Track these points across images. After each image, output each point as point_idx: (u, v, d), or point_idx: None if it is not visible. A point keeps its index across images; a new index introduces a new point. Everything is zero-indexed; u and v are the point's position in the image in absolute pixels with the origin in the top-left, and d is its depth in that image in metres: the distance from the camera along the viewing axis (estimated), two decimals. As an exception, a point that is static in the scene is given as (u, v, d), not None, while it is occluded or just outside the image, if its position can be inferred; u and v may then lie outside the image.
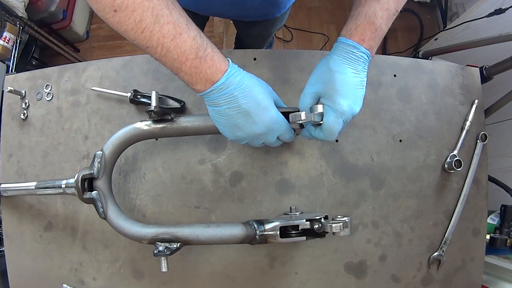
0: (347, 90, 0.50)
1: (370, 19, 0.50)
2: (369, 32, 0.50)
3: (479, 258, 0.72)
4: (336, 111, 0.50)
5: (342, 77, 0.50)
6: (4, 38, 1.29)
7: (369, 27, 0.50)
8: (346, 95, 0.50)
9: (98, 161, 0.55)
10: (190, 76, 0.46)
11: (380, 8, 0.50)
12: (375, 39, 0.51)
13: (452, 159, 0.69)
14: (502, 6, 1.13)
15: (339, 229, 0.50)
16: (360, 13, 0.51)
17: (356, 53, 0.50)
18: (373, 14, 0.50)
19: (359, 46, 0.50)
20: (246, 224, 0.54)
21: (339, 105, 0.50)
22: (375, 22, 0.50)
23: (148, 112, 0.54)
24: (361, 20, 0.50)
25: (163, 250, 0.52)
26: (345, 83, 0.50)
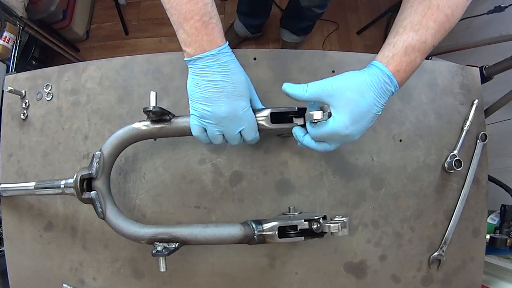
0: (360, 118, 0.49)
1: (407, 50, 0.49)
2: (405, 63, 0.49)
3: (479, 258, 0.72)
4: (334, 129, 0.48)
5: (366, 104, 0.48)
6: (4, 38, 1.28)
7: (405, 59, 0.49)
8: (357, 122, 0.49)
9: (96, 161, 0.55)
10: (187, 36, 0.49)
11: (418, 39, 0.49)
12: (408, 72, 0.50)
13: (452, 159, 0.69)
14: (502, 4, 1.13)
15: (337, 229, 0.50)
16: (398, 41, 0.49)
17: (387, 86, 0.49)
18: (411, 45, 0.49)
19: (393, 79, 0.49)
20: (244, 224, 0.54)
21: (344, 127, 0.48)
22: (411, 54, 0.49)
23: (147, 112, 0.54)
24: (398, 49, 0.49)
25: (161, 250, 0.52)
26: (365, 112, 0.49)
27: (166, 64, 0.69)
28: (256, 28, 1.71)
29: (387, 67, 0.49)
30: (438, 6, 0.49)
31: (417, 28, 0.49)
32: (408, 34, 0.49)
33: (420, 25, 0.49)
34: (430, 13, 0.49)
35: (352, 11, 1.94)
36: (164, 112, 0.54)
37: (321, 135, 0.50)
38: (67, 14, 1.71)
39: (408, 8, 0.51)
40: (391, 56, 0.49)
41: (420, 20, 0.49)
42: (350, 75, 0.50)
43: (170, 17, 0.49)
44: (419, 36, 0.49)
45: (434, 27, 0.49)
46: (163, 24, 1.89)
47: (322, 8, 1.40)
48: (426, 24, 0.49)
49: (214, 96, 0.50)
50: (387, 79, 0.48)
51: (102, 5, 1.95)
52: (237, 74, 0.51)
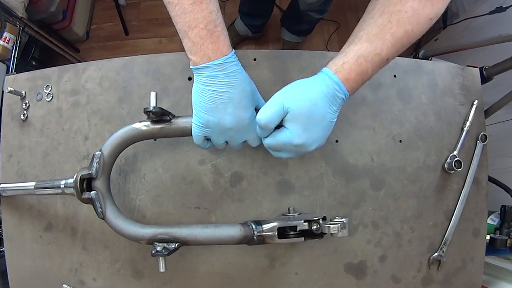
0: (314, 126, 0.49)
1: (359, 60, 0.48)
2: (354, 73, 0.48)
3: (479, 258, 0.72)
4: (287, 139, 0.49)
5: (316, 111, 0.48)
6: (4, 39, 1.29)
7: (355, 68, 0.48)
8: (311, 131, 0.49)
9: (96, 162, 0.55)
10: (192, 44, 0.48)
11: (372, 51, 0.48)
12: (358, 81, 0.49)
13: (452, 159, 0.69)
14: (503, 4, 1.13)
15: (337, 230, 0.50)
16: (351, 51, 0.49)
17: (337, 93, 0.49)
18: (363, 55, 0.48)
19: (342, 86, 0.48)
20: (244, 225, 0.54)
21: (298, 137, 0.48)
22: (362, 64, 0.48)
23: (147, 112, 0.54)
24: (349, 58, 0.49)
25: (161, 251, 0.52)
26: (316, 119, 0.48)
27: (166, 65, 0.69)
28: (257, 28, 1.72)
29: (336, 74, 0.48)
30: (398, 20, 0.48)
31: (373, 40, 0.48)
32: (362, 44, 0.49)
33: (376, 37, 0.48)
34: (389, 27, 0.48)
35: (352, 11, 1.94)
36: (164, 112, 0.54)
37: (275, 144, 0.51)
38: (67, 15, 1.71)
39: (368, 19, 0.51)
40: (341, 64, 0.49)
41: (377, 33, 0.49)
42: (301, 84, 0.50)
43: (176, 25, 0.48)
44: (373, 47, 0.48)
45: (391, 40, 0.48)
46: (163, 24, 1.89)
47: (321, 13, 1.41)
48: (382, 37, 0.48)
49: (220, 106, 0.49)
50: (337, 86, 0.48)
51: (102, 5, 1.95)
52: (243, 84, 0.50)
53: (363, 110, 0.70)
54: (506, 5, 1.12)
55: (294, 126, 0.49)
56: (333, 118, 0.50)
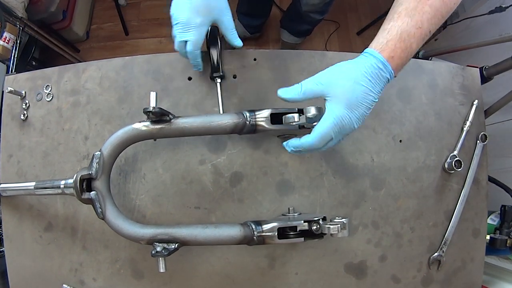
0: (359, 105, 0.48)
1: (402, 35, 0.48)
2: (400, 50, 0.48)
3: (479, 258, 0.72)
4: (337, 119, 0.48)
5: (361, 90, 0.48)
6: (4, 39, 1.28)
7: (400, 45, 0.48)
8: (354, 109, 0.48)
9: (96, 162, 0.55)
10: None
11: (413, 25, 0.48)
12: (403, 58, 0.49)
13: (452, 159, 0.69)
14: (502, 4, 1.13)
15: (337, 231, 0.50)
16: (392, 27, 0.49)
17: (382, 72, 0.48)
18: (406, 31, 0.48)
19: (387, 65, 0.48)
20: (244, 225, 0.54)
21: (342, 117, 0.48)
22: (406, 40, 0.48)
23: (147, 113, 0.54)
24: (392, 36, 0.48)
25: (161, 251, 0.52)
26: (360, 99, 0.48)
27: (166, 65, 0.69)
28: (255, 29, 1.71)
29: (381, 53, 0.48)
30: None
31: (412, 14, 0.48)
32: (403, 20, 0.49)
33: (415, 10, 0.48)
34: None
35: (352, 11, 1.94)
36: (164, 112, 0.54)
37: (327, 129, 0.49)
38: (67, 15, 1.71)
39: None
40: (385, 43, 0.49)
41: (415, 6, 0.49)
42: (343, 65, 0.50)
43: None
44: (414, 22, 0.48)
45: (430, 12, 0.49)
46: (163, 24, 1.89)
47: (322, 14, 1.41)
48: (421, 9, 0.48)
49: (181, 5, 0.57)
50: (381, 65, 0.48)
51: (102, 5, 1.95)
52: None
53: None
54: (506, 5, 1.12)
55: (338, 105, 0.48)
56: (375, 98, 0.49)
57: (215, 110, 0.68)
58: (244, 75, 0.69)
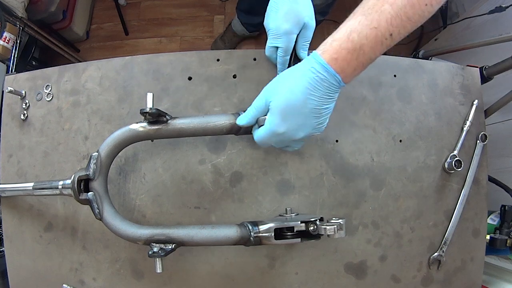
0: (292, 114, 0.47)
1: (350, 35, 0.43)
2: (345, 50, 0.43)
3: (479, 258, 0.72)
4: (268, 131, 0.50)
5: (293, 99, 0.46)
6: (4, 39, 1.29)
7: (347, 45, 0.43)
8: (290, 119, 0.48)
9: (94, 163, 0.55)
10: None
11: (367, 24, 0.43)
12: (351, 61, 0.44)
13: (452, 159, 0.69)
14: (502, 4, 1.13)
15: (333, 232, 0.50)
16: (342, 27, 0.45)
17: (321, 76, 0.44)
18: (356, 30, 0.43)
19: (328, 67, 0.44)
20: (240, 226, 0.54)
21: (277, 126, 0.49)
22: (355, 40, 0.43)
23: (143, 114, 0.54)
24: (340, 35, 0.44)
25: (157, 251, 0.52)
26: (297, 108, 0.47)
27: (166, 65, 0.69)
28: (255, 27, 1.70)
29: (322, 55, 0.45)
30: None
31: (368, 12, 0.43)
32: (356, 18, 0.44)
33: (372, 9, 0.43)
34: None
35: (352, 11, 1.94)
36: (161, 113, 0.54)
37: (262, 138, 0.52)
38: (67, 15, 1.71)
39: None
40: (330, 43, 0.45)
41: (373, 4, 0.43)
42: (285, 73, 0.50)
43: None
44: (368, 21, 0.42)
45: (390, 11, 0.42)
46: (163, 24, 1.89)
47: (323, 15, 1.40)
48: (380, 8, 0.42)
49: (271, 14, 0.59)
50: (321, 69, 0.44)
51: (102, 5, 1.95)
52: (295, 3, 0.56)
53: (363, 109, 0.70)
54: (506, 5, 1.12)
55: (272, 117, 0.49)
56: (319, 104, 0.46)
57: (215, 110, 0.68)
58: (244, 75, 0.69)
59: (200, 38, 1.87)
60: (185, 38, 1.87)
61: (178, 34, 1.87)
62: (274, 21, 0.58)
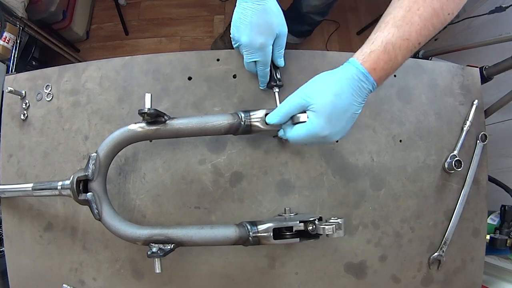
0: (337, 119, 0.48)
1: (386, 47, 0.46)
2: (383, 61, 0.47)
3: (479, 258, 0.72)
4: (310, 132, 0.50)
5: (342, 104, 0.48)
6: (4, 39, 1.28)
7: (384, 56, 0.47)
8: (335, 123, 0.49)
9: (92, 163, 0.55)
10: None
11: (400, 36, 0.46)
12: (387, 70, 0.48)
13: (452, 159, 0.69)
14: (502, 4, 1.13)
15: (332, 231, 0.50)
16: (378, 38, 0.47)
17: (363, 84, 0.48)
18: (391, 42, 0.46)
19: (369, 76, 0.47)
20: (239, 226, 0.54)
21: (321, 129, 0.49)
22: (390, 52, 0.46)
23: (142, 114, 0.54)
24: (376, 46, 0.47)
25: (156, 252, 0.52)
26: (341, 112, 0.48)
27: (166, 65, 0.69)
28: None
29: (363, 64, 0.47)
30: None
31: (400, 24, 0.46)
32: (389, 30, 0.47)
33: (403, 20, 0.46)
34: (415, 8, 0.46)
35: (352, 11, 1.94)
36: (159, 114, 0.54)
37: (301, 137, 0.52)
38: (67, 15, 1.71)
39: (394, 2, 0.49)
40: (368, 53, 0.47)
41: (403, 15, 0.46)
42: (325, 76, 0.50)
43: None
44: (401, 33, 0.46)
45: (419, 22, 0.46)
46: (163, 24, 1.89)
47: (322, 15, 1.41)
48: (410, 20, 0.46)
49: (242, 26, 0.57)
50: (363, 77, 0.47)
51: (102, 5, 1.95)
52: (267, 14, 0.56)
53: (363, 109, 0.68)
54: (506, 5, 1.12)
55: (318, 119, 0.49)
56: (357, 109, 0.49)
57: (215, 110, 0.68)
58: (244, 75, 0.69)
59: (200, 38, 1.87)
60: (185, 38, 1.87)
61: (178, 34, 1.87)
62: (246, 35, 0.57)
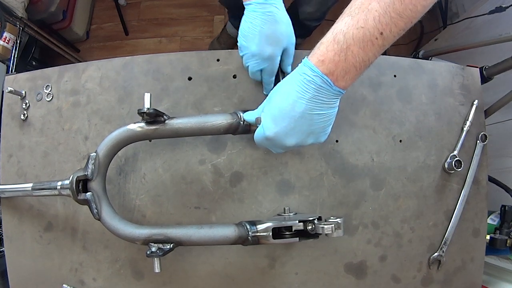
0: (282, 118, 0.48)
1: (336, 37, 0.43)
2: (332, 52, 0.43)
3: (479, 258, 0.72)
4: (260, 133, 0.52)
5: (283, 102, 0.48)
6: (4, 39, 1.28)
7: (333, 47, 0.43)
8: (279, 122, 0.48)
9: (92, 163, 0.55)
10: None
11: (353, 25, 0.42)
12: (340, 63, 0.43)
13: (452, 159, 0.69)
14: (502, 4, 1.13)
15: (331, 231, 0.50)
16: (330, 29, 0.44)
17: (308, 78, 0.45)
18: (341, 31, 0.42)
19: (315, 69, 0.44)
20: (238, 225, 0.54)
21: (267, 129, 0.50)
22: (341, 41, 0.42)
23: (141, 114, 0.54)
24: (327, 38, 0.44)
25: (156, 251, 0.52)
26: (284, 111, 0.48)
27: (166, 65, 0.69)
28: None
29: (310, 59, 0.46)
30: None
31: (355, 13, 0.42)
32: (342, 20, 0.43)
33: (359, 8, 0.42)
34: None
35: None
36: (158, 113, 0.55)
37: (258, 141, 0.54)
38: (67, 15, 1.71)
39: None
40: (318, 46, 0.45)
41: (361, 3, 0.42)
42: (282, 81, 0.51)
43: None
44: (354, 21, 0.42)
45: (377, 9, 0.41)
46: (163, 24, 1.89)
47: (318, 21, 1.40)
48: (366, 7, 0.41)
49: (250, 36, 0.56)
50: (309, 71, 0.45)
51: (102, 5, 1.95)
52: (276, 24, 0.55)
53: (363, 110, 0.70)
54: (506, 5, 1.12)
55: (264, 120, 0.51)
56: (310, 108, 0.46)
57: (215, 110, 0.68)
58: (244, 75, 0.69)
59: (200, 38, 1.87)
60: (185, 38, 1.87)
61: (178, 34, 1.87)
62: (255, 44, 0.56)
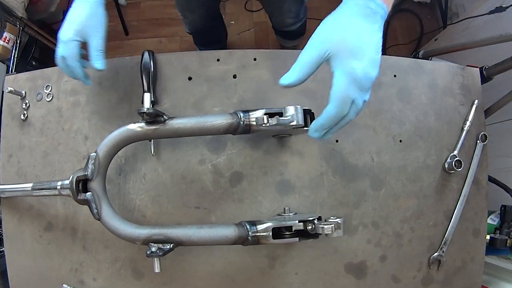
0: (362, 51, 0.44)
1: None
2: None
3: (479, 258, 0.72)
4: (348, 75, 0.44)
5: (356, 35, 0.44)
6: (4, 39, 1.29)
7: None
8: (361, 57, 0.44)
9: (92, 163, 0.55)
10: None
11: None
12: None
13: (452, 159, 0.69)
14: (502, 4, 1.13)
15: (331, 231, 0.50)
16: None
17: (371, 7, 0.44)
18: None
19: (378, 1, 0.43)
20: (238, 225, 0.54)
21: (352, 69, 0.44)
22: None
23: (141, 114, 0.54)
24: None
25: (155, 251, 0.52)
26: (363, 43, 0.44)
27: (166, 65, 0.69)
28: None
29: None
30: None
31: None
32: None
33: None
34: None
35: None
36: (158, 113, 0.54)
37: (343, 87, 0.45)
38: (67, 15, 1.71)
39: None
40: None
41: None
42: (331, 17, 0.47)
43: None
44: None
45: None
46: (163, 24, 1.89)
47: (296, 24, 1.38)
48: None
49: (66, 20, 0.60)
50: (368, 1, 0.44)
51: (102, 5, 1.95)
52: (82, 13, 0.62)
53: (363, 109, 0.69)
54: (506, 5, 1.12)
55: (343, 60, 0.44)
56: (378, 37, 0.45)
57: (215, 110, 0.68)
58: (244, 75, 0.69)
59: (200, 38, 1.87)
60: (185, 38, 1.87)
61: (178, 34, 1.87)
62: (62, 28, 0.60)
